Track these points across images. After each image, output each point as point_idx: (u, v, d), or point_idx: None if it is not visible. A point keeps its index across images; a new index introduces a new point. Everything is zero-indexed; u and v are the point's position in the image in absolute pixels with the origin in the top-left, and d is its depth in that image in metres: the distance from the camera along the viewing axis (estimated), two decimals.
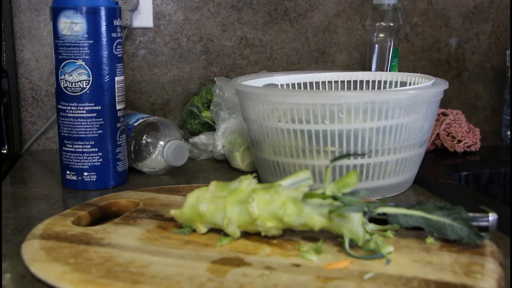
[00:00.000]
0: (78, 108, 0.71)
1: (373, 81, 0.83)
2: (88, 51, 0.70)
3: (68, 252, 0.48)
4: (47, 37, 0.95)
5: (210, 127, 0.92)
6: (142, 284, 0.42)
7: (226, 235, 0.51)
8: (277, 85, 0.81)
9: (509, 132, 1.01)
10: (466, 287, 0.41)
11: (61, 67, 0.71)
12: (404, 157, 0.68)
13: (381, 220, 0.51)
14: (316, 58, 1.05)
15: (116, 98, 0.73)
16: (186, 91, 1.02)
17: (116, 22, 0.72)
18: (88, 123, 0.71)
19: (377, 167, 0.66)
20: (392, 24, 0.92)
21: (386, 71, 0.92)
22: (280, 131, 0.67)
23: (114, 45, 0.71)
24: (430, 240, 0.50)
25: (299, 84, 0.84)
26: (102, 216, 0.60)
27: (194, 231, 0.53)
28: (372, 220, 0.51)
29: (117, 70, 0.72)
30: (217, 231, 0.52)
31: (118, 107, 0.73)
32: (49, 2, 0.94)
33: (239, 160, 0.81)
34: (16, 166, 0.87)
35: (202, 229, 0.52)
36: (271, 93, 0.68)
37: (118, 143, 0.74)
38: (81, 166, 0.72)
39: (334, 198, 0.48)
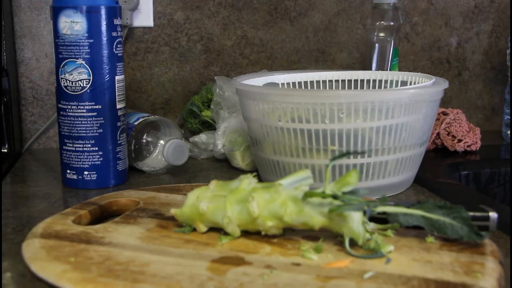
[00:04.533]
0: (79, 107, 0.71)
1: (374, 81, 0.83)
2: (89, 50, 0.70)
3: (69, 251, 0.48)
4: (47, 36, 0.96)
5: (210, 126, 0.92)
6: (142, 283, 0.42)
7: (226, 234, 0.51)
8: (278, 84, 0.81)
9: (509, 132, 1.01)
10: (466, 286, 0.41)
11: (61, 66, 0.71)
12: (405, 157, 0.68)
13: (381, 219, 0.51)
14: (317, 57, 1.05)
15: (117, 97, 0.73)
16: (187, 90, 1.02)
17: (117, 21, 0.72)
18: (89, 122, 0.71)
19: (378, 167, 0.67)
20: (392, 23, 0.92)
21: (387, 70, 0.92)
22: (280, 130, 0.67)
23: (115, 44, 0.71)
24: (430, 239, 0.50)
25: (299, 83, 0.84)
26: (103, 215, 0.60)
27: (194, 230, 0.53)
28: (372, 219, 0.51)
29: (117, 69, 0.72)
30: (217, 230, 0.52)
31: (119, 106, 0.73)
32: (49, 1, 0.94)
33: (239, 159, 0.81)
34: (17, 165, 0.87)
35: (202, 228, 0.52)
36: (272, 92, 0.68)
37: (119, 142, 0.74)
38: (81, 165, 0.72)
39: (334, 197, 0.48)
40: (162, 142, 0.78)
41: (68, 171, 0.73)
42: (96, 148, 0.72)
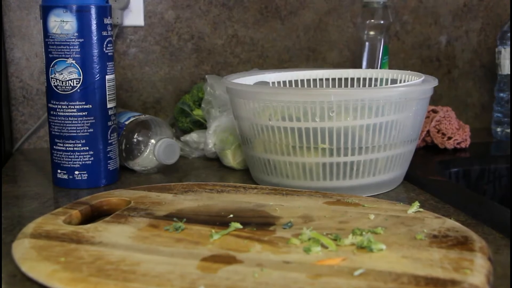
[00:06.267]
0: (69, 106, 0.71)
1: (364, 79, 0.83)
2: (79, 50, 0.70)
3: (59, 250, 0.48)
4: (37, 35, 0.95)
5: (201, 125, 0.92)
6: (133, 282, 0.42)
7: (218, 230, 0.51)
8: (268, 83, 0.82)
9: (499, 129, 1.01)
10: (455, 282, 0.41)
11: (51, 66, 0.71)
12: (395, 154, 0.68)
13: None
14: (307, 56, 1.05)
15: (107, 97, 0.72)
16: (178, 89, 1.01)
17: (107, 21, 0.71)
18: (79, 122, 0.71)
19: (368, 164, 0.67)
20: (382, 22, 0.92)
21: (377, 68, 0.92)
22: (271, 128, 0.67)
23: (105, 43, 0.71)
24: (420, 236, 0.50)
25: (290, 82, 0.84)
26: (93, 215, 0.60)
27: (185, 228, 0.53)
28: None
29: (107, 68, 0.72)
30: (208, 227, 0.52)
31: (109, 105, 0.73)
32: (39, 1, 0.94)
33: (230, 158, 0.81)
34: (7, 165, 0.87)
35: None
36: (262, 91, 0.68)
37: (109, 141, 0.74)
38: (72, 165, 0.72)
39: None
40: (153, 141, 0.78)
41: (59, 171, 0.73)
42: (87, 148, 0.72)
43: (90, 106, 0.71)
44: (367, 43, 0.93)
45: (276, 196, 0.62)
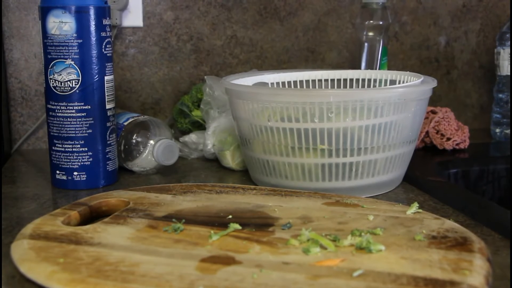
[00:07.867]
0: (68, 107, 0.71)
1: (363, 80, 0.83)
2: (77, 51, 0.69)
3: (58, 251, 0.48)
4: (36, 36, 0.95)
5: (200, 126, 0.92)
6: (132, 283, 0.42)
7: (217, 231, 0.51)
8: (267, 83, 0.82)
9: (498, 130, 1.01)
10: (454, 283, 0.41)
11: (50, 67, 0.71)
12: (394, 155, 0.68)
13: None
14: (306, 57, 1.05)
15: (106, 98, 0.72)
16: (177, 90, 1.01)
17: (106, 21, 0.71)
18: (78, 123, 0.71)
19: (367, 165, 0.67)
20: (381, 23, 0.92)
21: (376, 69, 0.92)
22: (270, 129, 0.67)
23: (104, 44, 0.71)
24: (419, 237, 0.50)
25: (289, 82, 0.84)
26: (92, 216, 0.60)
27: (184, 229, 0.53)
28: None
29: (106, 69, 0.72)
30: (207, 228, 0.52)
31: (108, 106, 0.73)
32: (38, 1, 0.94)
33: (229, 159, 0.81)
34: (6, 166, 0.87)
35: None
36: (261, 92, 0.68)
37: (108, 142, 0.74)
38: (71, 166, 0.72)
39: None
40: (152, 142, 0.78)
41: (58, 171, 0.73)
42: (86, 149, 0.72)
43: (89, 107, 0.71)
44: (366, 44, 0.93)
45: (275, 197, 0.62)
